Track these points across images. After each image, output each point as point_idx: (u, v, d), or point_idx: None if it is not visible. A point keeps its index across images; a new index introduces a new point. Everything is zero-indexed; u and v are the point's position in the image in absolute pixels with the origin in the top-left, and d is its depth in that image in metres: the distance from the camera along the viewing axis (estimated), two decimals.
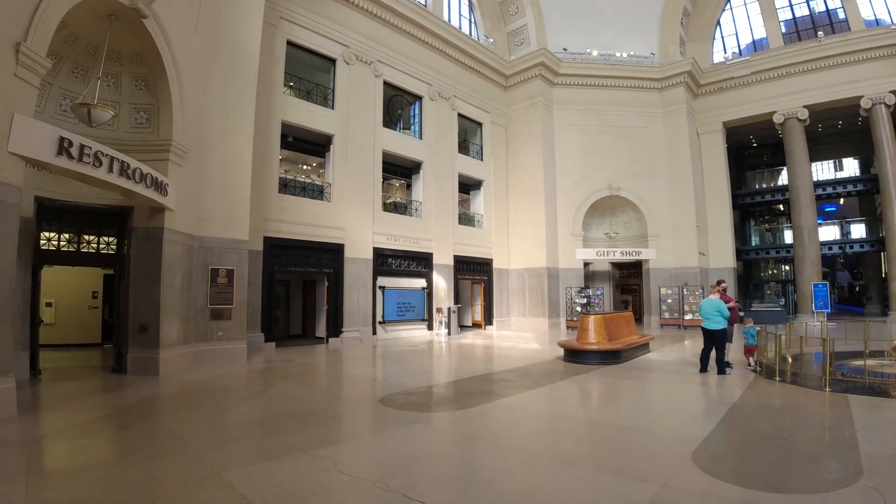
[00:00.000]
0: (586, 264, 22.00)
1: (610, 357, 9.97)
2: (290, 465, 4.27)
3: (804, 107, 20.85)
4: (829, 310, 18.45)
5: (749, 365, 9.17)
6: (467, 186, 20.88)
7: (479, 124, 21.12)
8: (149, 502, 3.49)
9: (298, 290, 16.84)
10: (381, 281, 16.22)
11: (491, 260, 20.63)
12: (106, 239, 9.42)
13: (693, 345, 13.68)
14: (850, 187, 24.51)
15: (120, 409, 6.35)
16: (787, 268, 27.45)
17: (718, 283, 9.61)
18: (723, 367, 8.65)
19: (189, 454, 4.53)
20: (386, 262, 16.49)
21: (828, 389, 6.98)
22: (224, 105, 10.71)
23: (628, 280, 24.28)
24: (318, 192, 15.03)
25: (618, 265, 23.80)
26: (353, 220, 15.19)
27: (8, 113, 5.79)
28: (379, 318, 16.00)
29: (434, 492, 3.68)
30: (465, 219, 20.32)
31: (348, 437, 5.10)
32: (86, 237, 9.25)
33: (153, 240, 8.92)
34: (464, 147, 20.37)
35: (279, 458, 4.43)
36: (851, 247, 24.47)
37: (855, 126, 22.95)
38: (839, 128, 24.21)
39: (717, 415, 5.94)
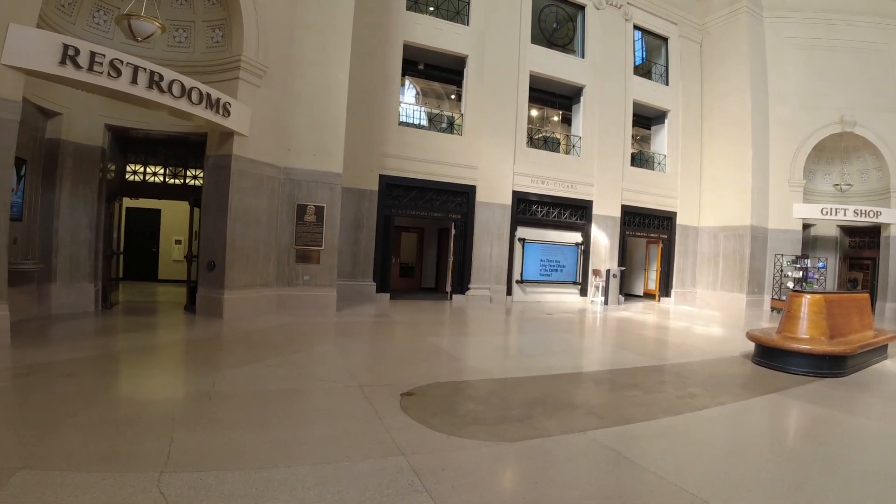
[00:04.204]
0: (805, 226, 15.74)
1: (828, 364, 5.85)
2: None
3: None
4: None
5: None
6: (646, 119, 16.41)
7: (664, 39, 16.16)
8: None
9: (433, 239, 15.35)
10: (522, 232, 13.60)
11: (674, 213, 16.06)
12: (192, 171, 8.91)
13: None
14: None
15: (100, 354, 5.41)
16: None
17: None
18: None
19: (30, 437, 3.03)
20: (529, 208, 13.75)
21: None
22: (315, 19, 9.22)
23: (860, 251, 16.79)
24: (447, 125, 12.96)
25: (848, 230, 16.58)
26: (489, 158, 12.76)
27: (2, 24, 5.08)
28: (517, 277, 13.53)
29: None
30: (641, 159, 16.08)
31: (251, 465, 3.03)
32: (172, 168, 8.86)
33: (222, 168, 8.01)
34: (641, 69, 15.89)
35: (103, 472, 2.60)
36: None
37: None
38: None
39: None
